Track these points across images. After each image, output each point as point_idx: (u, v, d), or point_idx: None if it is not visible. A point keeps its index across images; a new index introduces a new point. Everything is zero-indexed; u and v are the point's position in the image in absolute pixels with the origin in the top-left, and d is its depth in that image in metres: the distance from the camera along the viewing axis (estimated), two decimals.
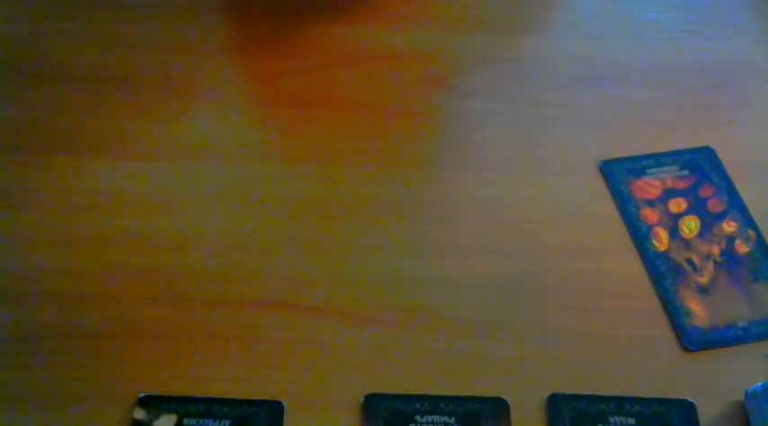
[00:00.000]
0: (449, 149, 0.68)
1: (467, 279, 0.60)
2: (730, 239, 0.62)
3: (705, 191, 0.65)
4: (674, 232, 0.63)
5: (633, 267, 0.61)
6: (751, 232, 0.62)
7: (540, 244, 0.62)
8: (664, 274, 0.61)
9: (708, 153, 0.67)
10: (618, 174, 0.66)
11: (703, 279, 0.60)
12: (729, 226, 0.63)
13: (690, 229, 0.63)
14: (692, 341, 0.57)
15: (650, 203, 0.64)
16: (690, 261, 0.61)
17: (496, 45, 0.75)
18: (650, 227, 0.63)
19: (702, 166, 0.66)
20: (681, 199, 0.64)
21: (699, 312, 0.59)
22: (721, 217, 0.63)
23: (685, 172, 0.66)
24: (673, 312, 0.59)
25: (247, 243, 0.62)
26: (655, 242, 0.62)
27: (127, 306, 0.58)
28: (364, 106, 0.70)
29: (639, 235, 0.63)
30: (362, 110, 0.70)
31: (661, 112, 0.70)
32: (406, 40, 0.75)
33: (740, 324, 0.58)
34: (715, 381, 0.56)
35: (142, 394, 0.54)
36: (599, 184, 0.66)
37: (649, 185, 0.65)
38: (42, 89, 0.70)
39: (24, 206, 0.63)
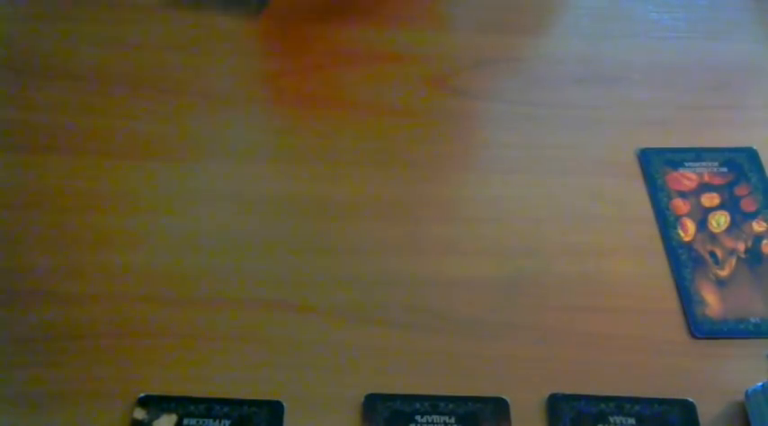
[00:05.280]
0: (449, 149, 0.68)
1: (466, 279, 0.60)
2: (757, 238, 0.62)
3: (741, 190, 0.65)
4: (701, 224, 0.63)
5: (633, 267, 0.61)
6: None
7: (540, 243, 0.62)
8: (684, 263, 0.61)
9: (750, 153, 0.67)
10: (655, 164, 0.66)
11: (723, 273, 0.60)
12: (759, 226, 0.63)
13: (718, 224, 0.63)
14: (700, 328, 0.58)
15: (683, 195, 0.64)
16: (712, 254, 0.61)
17: (496, 45, 0.75)
18: (678, 217, 0.63)
19: (742, 165, 0.66)
20: (714, 195, 0.65)
21: (713, 303, 0.59)
22: (753, 216, 0.63)
23: (724, 169, 0.66)
24: (686, 300, 0.59)
25: (247, 243, 0.62)
26: (680, 231, 0.62)
27: (127, 306, 0.58)
28: (364, 106, 0.70)
29: (666, 224, 0.63)
30: (362, 110, 0.70)
31: (661, 112, 0.70)
32: (406, 40, 0.75)
33: (752, 320, 0.58)
34: (715, 381, 0.56)
35: (142, 394, 0.54)
36: (599, 184, 0.66)
37: (685, 177, 0.65)
38: (42, 89, 0.70)
39: (24, 206, 0.63)
